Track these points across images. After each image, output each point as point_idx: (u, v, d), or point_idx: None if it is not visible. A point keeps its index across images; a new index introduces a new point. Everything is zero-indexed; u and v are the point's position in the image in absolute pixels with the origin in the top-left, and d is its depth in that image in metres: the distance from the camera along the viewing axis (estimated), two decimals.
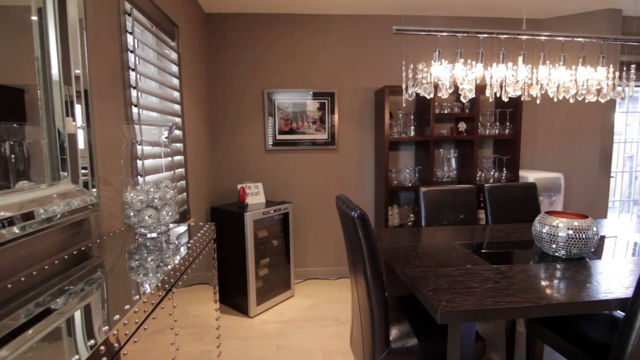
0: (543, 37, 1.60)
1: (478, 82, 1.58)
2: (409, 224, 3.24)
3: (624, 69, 1.73)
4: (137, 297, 0.75)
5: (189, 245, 1.11)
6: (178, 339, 1.00)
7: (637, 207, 4.08)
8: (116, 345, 0.63)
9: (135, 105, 1.55)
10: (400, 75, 3.27)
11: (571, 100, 1.73)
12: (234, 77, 3.13)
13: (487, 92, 1.63)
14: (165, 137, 1.39)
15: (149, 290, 0.79)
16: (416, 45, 3.23)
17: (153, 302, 0.80)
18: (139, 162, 1.40)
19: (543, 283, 1.36)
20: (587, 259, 1.63)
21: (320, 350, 2.20)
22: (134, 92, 1.55)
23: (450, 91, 1.55)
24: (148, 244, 1.15)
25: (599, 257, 1.67)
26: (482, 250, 1.79)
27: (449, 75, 1.51)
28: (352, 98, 3.26)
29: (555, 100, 2.45)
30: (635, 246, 1.83)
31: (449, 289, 1.31)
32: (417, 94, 3.02)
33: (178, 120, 2.24)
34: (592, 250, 1.70)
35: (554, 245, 1.66)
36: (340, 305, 2.81)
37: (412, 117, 3.22)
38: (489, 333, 2.37)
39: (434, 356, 1.47)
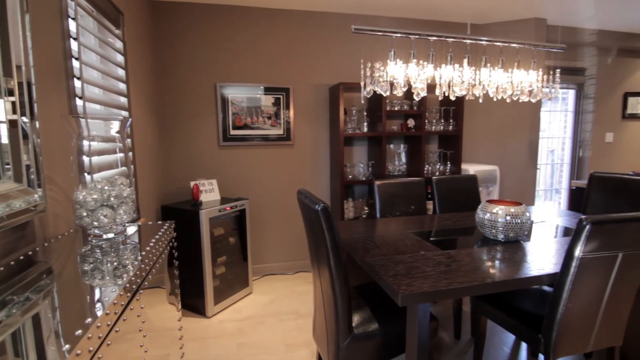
0: (484, 42, 1.77)
1: (429, 81, 1.70)
2: (364, 216, 3.36)
3: (551, 72, 1.97)
4: (99, 305, 0.71)
5: (152, 244, 1.07)
6: (135, 346, 0.96)
7: (558, 195, 4.63)
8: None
9: (80, 97, 1.43)
10: (354, 73, 3.36)
11: (508, 100, 1.93)
12: (184, 69, 3.00)
13: (437, 92, 1.76)
14: (117, 132, 1.31)
15: (113, 295, 0.75)
16: (370, 44, 3.34)
17: (116, 312, 0.76)
18: (86, 159, 1.30)
19: (487, 264, 1.51)
20: (521, 241, 1.84)
21: (282, 343, 2.22)
22: (77, 83, 1.43)
23: (404, 89, 1.65)
24: (104, 245, 1.09)
25: (530, 239, 1.88)
26: (433, 238, 1.93)
27: (403, 75, 1.61)
28: (307, 94, 3.29)
29: (495, 100, 2.69)
30: (557, 229, 2.10)
31: (406, 274, 1.40)
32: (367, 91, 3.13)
33: (125, 113, 2.10)
34: (526, 233, 1.91)
35: (494, 230, 1.85)
36: (300, 298, 2.84)
37: (365, 113, 3.34)
38: (439, 313, 2.56)
39: (393, 338, 1.57)
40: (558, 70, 1.97)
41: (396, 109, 3.20)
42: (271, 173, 3.29)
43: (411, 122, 3.28)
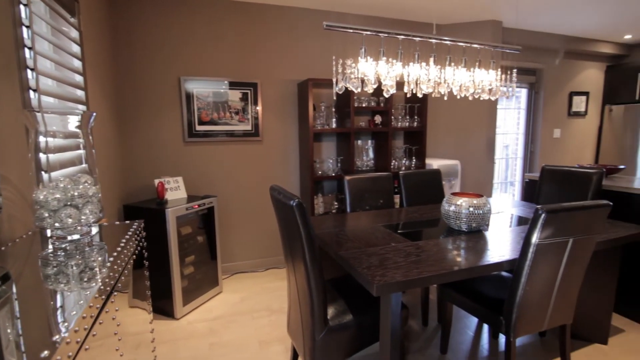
0: (448, 42, 1.85)
1: (398, 79, 1.75)
2: (333, 211, 3.40)
3: (508, 72, 2.10)
4: (74, 313, 0.68)
5: (122, 244, 1.03)
6: (109, 351, 0.92)
7: (512, 187, 4.95)
8: None
9: (35, 90, 1.33)
10: (322, 69, 3.38)
11: (470, 98, 2.04)
12: (147, 62, 2.86)
13: (405, 89, 1.82)
14: (77, 127, 1.23)
15: (89, 298, 0.72)
16: (339, 40, 3.37)
17: (92, 315, 0.73)
18: (43, 156, 1.21)
19: (453, 253, 1.60)
20: (483, 231, 1.95)
21: (255, 341, 2.21)
22: (31, 75, 1.33)
23: (374, 86, 1.69)
24: (68, 247, 1.03)
25: (489, 229, 2.00)
26: (402, 230, 2.00)
27: (374, 72, 1.65)
28: (275, 89, 3.26)
29: (459, 97, 2.82)
30: (512, 218, 2.25)
31: (380, 266, 1.44)
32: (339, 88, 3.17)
33: (82, 107, 1.97)
34: (487, 223, 2.04)
35: (458, 221, 1.95)
36: (271, 295, 2.84)
37: (333, 109, 3.37)
38: (407, 302, 2.67)
39: (367, 328, 1.61)
40: (515, 70, 2.11)
41: (364, 105, 3.26)
42: (239, 169, 3.24)
43: (378, 119, 3.36)
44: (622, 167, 2.84)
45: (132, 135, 2.88)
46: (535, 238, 1.45)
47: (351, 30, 1.65)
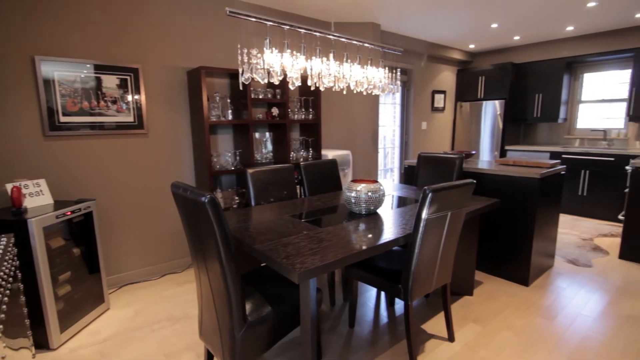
0: (344, 40, 1.98)
1: (302, 72, 1.79)
2: (234, 206, 3.30)
3: (393, 71, 2.38)
4: None
5: None
6: None
7: (392, 173, 5.61)
8: None
9: None
10: (215, 57, 3.20)
11: (364, 93, 2.23)
12: None
13: (309, 82, 1.87)
14: None
15: None
16: (233, 31, 3.22)
17: None
18: None
19: (360, 234, 1.74)
20: (379, 213, 2.18)
21: (160, 354, 2.01)
22: None
23: (280, 78, 1.69)
24: None
25: (383, 210, 2.25)
26: (310, 218, 2.08)
27: (279, 64, 1.64)
28: (161, 76, 2.95)
29: (355, 92, 3.03)
30: (393, 199, 2.57)
31: (297, 254, 1.48)
32: (234, 77, 3.05)
33: None
34: (381, 206, 2.28)
35: (358, 206, 2.13)
36: (172, 302, 2.61)
37: (228, 100, 3.23)
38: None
39: (286, 316, 1.64)
40: (399, 70, 2.40)
41: (260, 97, 3.22)
42: (122, 167, 2.84)
43: (275, 111, 3.37)
44: (473, 152, 3.51)
45: None
46: (424, 214, 1.69)
47: (254, 19, 1.61)
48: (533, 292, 2.65)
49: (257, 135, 3.53)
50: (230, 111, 3.16)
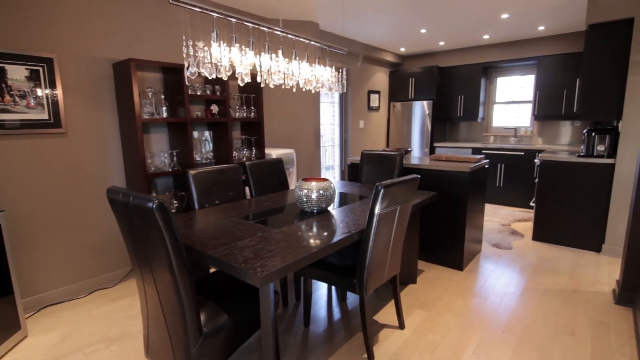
0: (292, 36, 1.95)
1: (251, 68, 1.71)
2: (173, 210, 3.07)
3: (339, 70, 2.41)
4: None
5: None
6: None
7: (333, 170, 5.72)
8: None
9: None
10: (145, 49, 2.93)
11: (313, 91, 2.22)
12: None
13: (259, 79, 1.80)
14: None
15: None
16: (168, 20, 2.97)
17: None
18: None
19: (315, 232, 1.74)
20: (329, 211, 2.20)
21: None
22: None
23: (229, 73, 1.60)
24: None
25: (333, 207, 2.28)
26: (261, 219, 2.02)
27: (227, 58, 1.55)
28: (81, 69, 2.62)
29: (304, 90, 3.00)
30: (340, 196, 2.62)
31: (256, 257, 1.42)
32: (168, 72, 2.83)
33: None
34: (332, 203, 2.30)
35: (310, 204, 2.12)
36: (105, 321, 2.34)
37: (162, 97, 2.99)
38: None
39: (244, 323, 1.57)
40: (345, 69, 2.43)
41: (199, 93, 3.04)
42: (36, 171, 2.47)
43: (215, 108, 3.21)
44: (410, 149, 3.74)
45: None
46: (377, 209, 1.75)
47: (199, 9, 1.50)
48: (467, 276, 2.90)
49: (195, 134, 3.33)
50: (164, 108, 2.93)
